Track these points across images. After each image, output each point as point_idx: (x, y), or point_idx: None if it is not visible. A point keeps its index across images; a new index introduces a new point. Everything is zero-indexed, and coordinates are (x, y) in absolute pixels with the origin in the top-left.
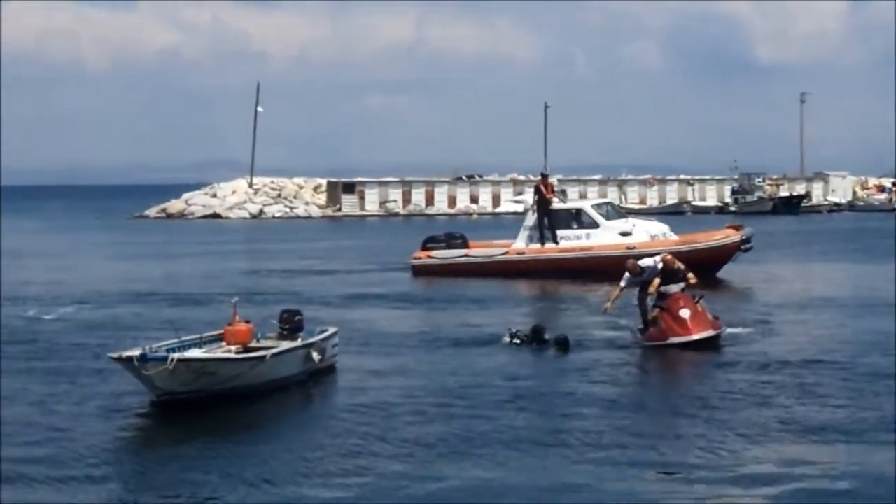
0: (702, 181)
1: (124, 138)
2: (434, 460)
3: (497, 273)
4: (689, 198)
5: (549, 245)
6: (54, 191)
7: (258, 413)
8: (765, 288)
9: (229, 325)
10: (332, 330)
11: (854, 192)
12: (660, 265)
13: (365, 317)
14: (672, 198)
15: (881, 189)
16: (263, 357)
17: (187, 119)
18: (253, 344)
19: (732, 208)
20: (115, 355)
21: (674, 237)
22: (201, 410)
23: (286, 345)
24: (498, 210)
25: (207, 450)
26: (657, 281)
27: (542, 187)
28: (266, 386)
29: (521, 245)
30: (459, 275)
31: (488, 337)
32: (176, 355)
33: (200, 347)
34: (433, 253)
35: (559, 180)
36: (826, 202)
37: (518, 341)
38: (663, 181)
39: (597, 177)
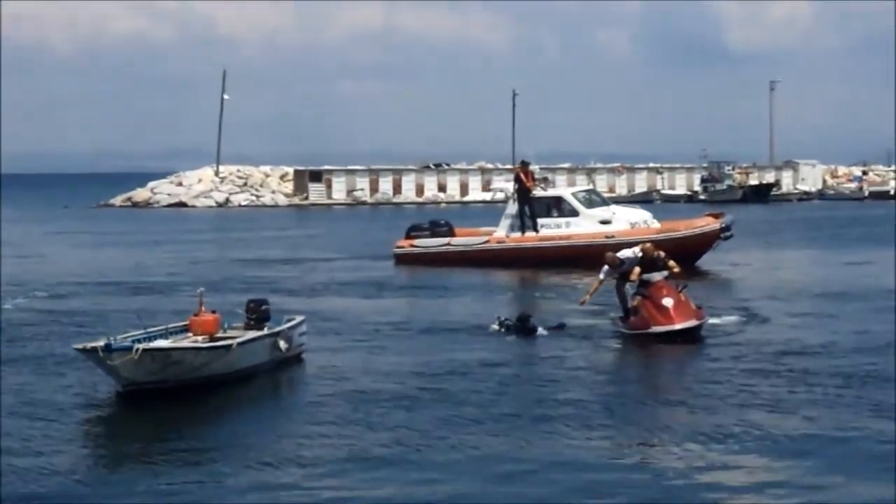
0: (671, 169)
1: (87, 126)
2: (400, 450)
3: (479, 261)
4: (659, 186)
5: (530, 233)
6: (16, 179)
7: (224, 402)
8: (742, 276)
9: (195, 315)
10: (298, 318)
11: (824, 181)
12: (639, 255)
13: (343, 306)
14: (641, 186)
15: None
16: (229, 346)
17: (152, 106)
18: (220, 334)
19: (702, 197)
20: (80, 346)
21: (655, 225)
22: (167, 400)
23: (252, 334)
24: (466, 199)
25: (173, 440)
26: (637, 269)
27: (523, 175)
28: (232, 375)
29: (502, 233)
30: (442, 263)
31: (472, 325)
32: (141, 345)
33: (166, 338)
34: (416, 241)
35: (541, 168)
36: (796, 191)
37: (505, 329)
38: (632, 169)
39: (566, 165)
